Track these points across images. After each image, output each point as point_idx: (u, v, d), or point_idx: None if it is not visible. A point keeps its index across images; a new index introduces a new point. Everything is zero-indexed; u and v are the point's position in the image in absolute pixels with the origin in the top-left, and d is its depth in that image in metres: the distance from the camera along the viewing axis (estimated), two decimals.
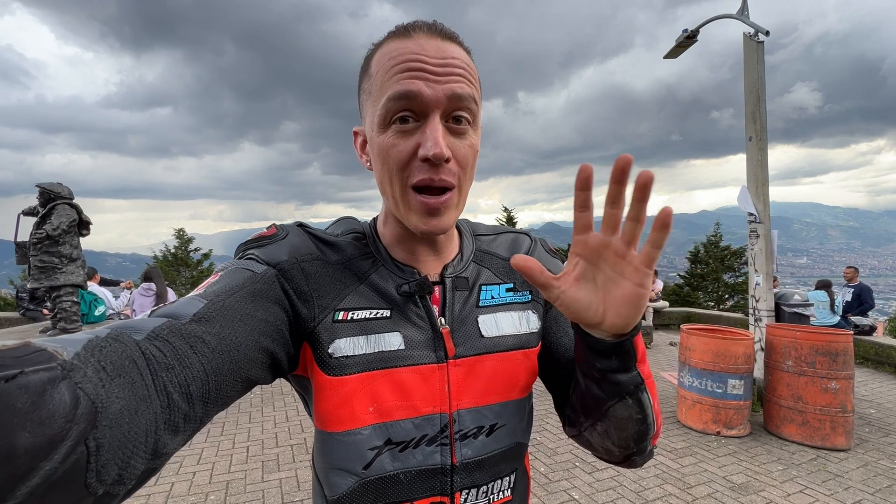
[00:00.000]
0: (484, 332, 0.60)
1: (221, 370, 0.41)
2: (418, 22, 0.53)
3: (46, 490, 0.26)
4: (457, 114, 0.52)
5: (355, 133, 0.62)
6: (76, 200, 5.30)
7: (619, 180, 0.42)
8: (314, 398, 0.56)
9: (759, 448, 3.54)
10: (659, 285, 9.36)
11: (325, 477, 0.57)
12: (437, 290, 0.62)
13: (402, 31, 0.53)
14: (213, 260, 18.63)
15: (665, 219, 0.42)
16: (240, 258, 0.56)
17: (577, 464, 3.24)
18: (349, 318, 0.55)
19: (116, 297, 6.15)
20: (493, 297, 0.64)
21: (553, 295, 0.48)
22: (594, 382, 0.54)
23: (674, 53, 5.90)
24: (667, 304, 9.43)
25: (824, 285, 6.73)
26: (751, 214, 4.63)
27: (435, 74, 0.50)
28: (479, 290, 0.63)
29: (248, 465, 3.22)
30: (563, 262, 0.71)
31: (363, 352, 0.54)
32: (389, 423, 0.54)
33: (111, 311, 5.83)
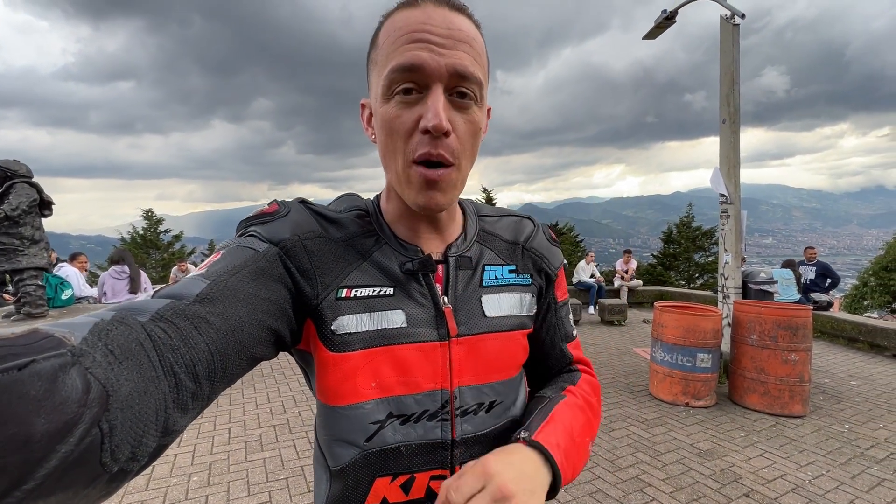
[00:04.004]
0: (487, 312, 0.61)
1: (226, 350, 0.42)
2: None
3: (64, 471, 0.26)
4: (460, 89, 0.52)
5: (363, 105, 0.61)
6: (34, 179, 5.01)
7: None
8: (317, 373, 0.56)
9: (723, 417, 3.76)
10: (633, 265, 9.63)
11: (327, 448, 0.58)
12: (440, 269, 0.62)
13: (411, 2, 0.52)
14: (184, 242, 18.07)
15: None
16: (241, 235, 0.55)
17: None
18: (352, 295, 0.55)
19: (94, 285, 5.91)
20: (496, 278, 0.64)
21: None
22: None
23: (653, 34, 5.92)
24: (640, 283, 9.73)
25: (789, 264, 7.08)
26: (722, 195, 4.79)
27: (439, 46, 0.50)
28: (483, 270, 0.64)
29: (231, 446, 3.22)
30: (561, 252, 0.74)
31: (366, 329, 0.55)
32: (391, 397, 0.55)
33: (81, 295, 5.61)
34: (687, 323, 3.96)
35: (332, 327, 0.54)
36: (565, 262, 0.62)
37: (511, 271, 0.66)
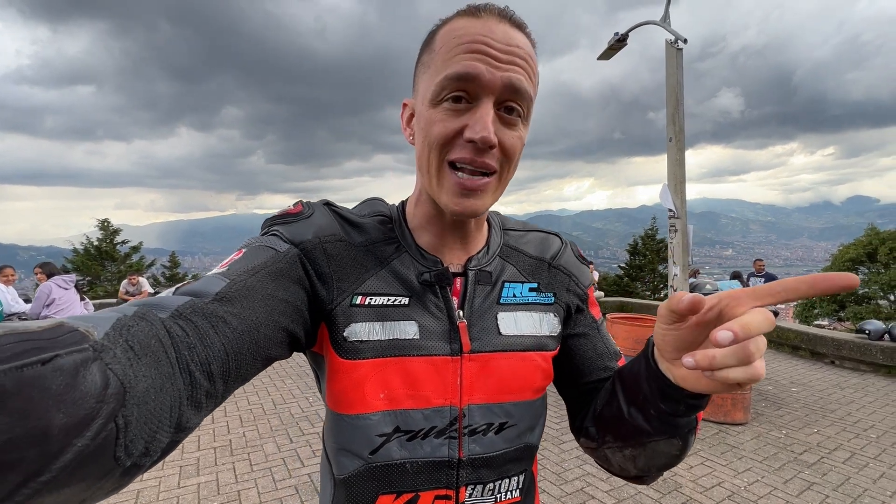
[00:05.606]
0: (502, 330, 0.59)
1: (241, 350, 0.42)
2: (490, 5, 0.52)
3: (78, 464, 0.27)
4: (509, 104, 0.51)
5: (404, 105, 0.61)
6: None
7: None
8: (327, 378, 0.56)
9: None
10: (595, 276, 9.86)
11: (333, 456, 0.57)
12: (459, 281, 0.60)
13: (473, 11, 0.52)
14: (143, 253, 17.26)
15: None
16: (264, 234, 0.56)
17: None
18: (367, 303, 0.55)
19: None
20: (514, 296, 0.62)
21: (673, 328, 0.45)
22: (644, 417, 0.53)
23: (606, 55, 6.17)
24: (602, 294, 9.96)
25: (737, 275, 7.43)
26: (670, 210, 4.98)
27: (497, 59, 0.50)
28: (502, 286, 0.62)
29: (164, 471, 3.04)
30: (589, 270, 0.71)
31: (378, 338, 0.54)
32: (399, 410, 0.54)
33: (10, 312, 5.24)
34: (636, 334, 4.06)
35: (345, 334, 0.54)
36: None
37: (532, 289, 0.64)
